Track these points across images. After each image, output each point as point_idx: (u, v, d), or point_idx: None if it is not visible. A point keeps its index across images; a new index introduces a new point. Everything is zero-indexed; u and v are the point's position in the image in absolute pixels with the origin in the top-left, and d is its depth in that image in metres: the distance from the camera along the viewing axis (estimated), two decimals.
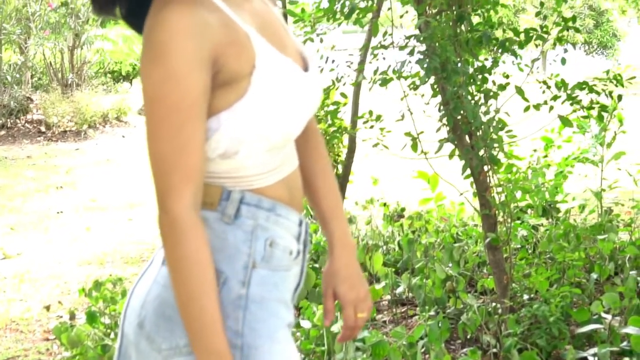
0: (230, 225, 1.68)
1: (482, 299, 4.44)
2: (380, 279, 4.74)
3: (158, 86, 1.56)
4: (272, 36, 1.72)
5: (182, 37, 1.54)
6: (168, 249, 1.59)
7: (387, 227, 5.48)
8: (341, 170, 6.73)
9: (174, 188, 1.57)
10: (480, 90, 4.05)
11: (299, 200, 1.81)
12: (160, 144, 1.58)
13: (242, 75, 1.62)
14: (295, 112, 1.69)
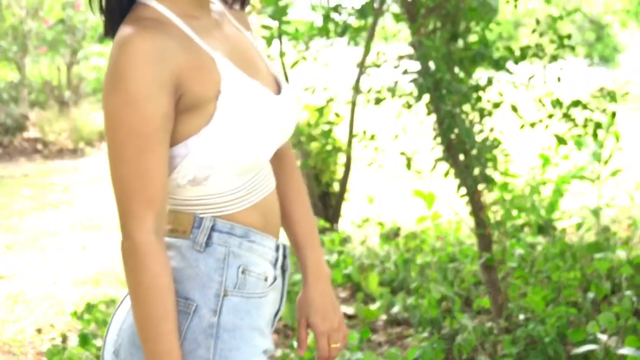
0: (202, 253, 1.67)
1: (479, 319, 4.41)
2: (376, 299, 4.71)
3: (118, 111, 1.56)
4: (242, 61, 1.71)
5: (141, 63, 1.55)
6: (127, 274, 1.59)
7: (383, 246, 5.45)
8: (337, 188, 6.74)
9: (134, 213, 1.57)
10: (475, 109, 4.04)
11: (275, 225, 1.79)
12: (121, 169, 1.58)
13: (207, 100, 1.61)
14: (265, 136, 1.67)
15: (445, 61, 3.94)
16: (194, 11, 1.68)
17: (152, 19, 1.62)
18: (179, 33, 1.62)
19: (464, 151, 3.95)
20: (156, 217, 1.58)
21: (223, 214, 1.69)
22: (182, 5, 1.66)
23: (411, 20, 4.00)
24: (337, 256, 5.16)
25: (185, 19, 1.65)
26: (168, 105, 1.57)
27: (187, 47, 1.61)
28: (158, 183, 1.58)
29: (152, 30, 1.58)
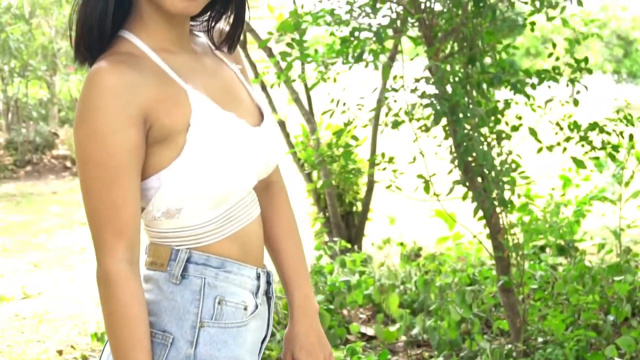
0: (178, 285, 1.70)
1: (499, 341, 4.41)
2: (396, 320, 4.72)
3: (85, 145, 1.60)
4: (220, 93, 1.74)
5: (108, 97, 1.58)
6: (101, 302, 1.63)
7: (404, 267, 5.46)
8: (360, 207, 6.76)
9: (106, 243, 1.61)
10: (493, 132, 4.05)
11: (255, 254, 1.80)
12: (91, 200, 1.62)
13: (176, 132, 1.64)
14: (238, 169, 1.69)
15: (463, 85, 3.96)
16: (171, 46, 1.72)
17: (127, 53, 1.66)
18: (153, 67, 1.66)
19: (482, 174, 3.96)
20: (127, 247, 1.61)
21: (199, 246, 1.71)
22: (159, 39, 1.70)
23: (428, 44, 4.03)
24: (359, 277, 5.18)
25: (161, 53, 1.69)
26: (136, 137, 1.60)
27: (159, 81, 1.64)
28: (128, 214, 1.61)
29: (122, 65, 1.61)
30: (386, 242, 5.71)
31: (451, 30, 4.02)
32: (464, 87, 3.97)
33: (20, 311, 5.94)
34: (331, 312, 4.62)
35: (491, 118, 4.06)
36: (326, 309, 4.56)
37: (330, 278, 4.93)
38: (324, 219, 6.69)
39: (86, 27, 1.66)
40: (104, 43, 1.67)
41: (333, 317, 4.62)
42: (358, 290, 4.90)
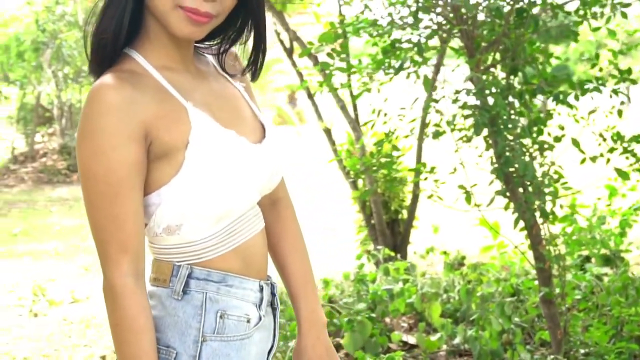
0: (180, 301, 1.73)
1: (541, 352, 4.39)
2: (437, 329, 4.72)
3: (87, 161, 1.63)
4: (221, 111, 1.78)
5: (109, 114, 1.61)
6: (108, 315, 1.66)
7: (448, 275, 5.46)
8: (405, 215, 6.77)
9: (111, 257, 1.64)
10: (536, 142, 4.04)
11: (258, 267, 1.83)
12: (94, 215, 1.65)
13: (176, 149, 1.67)
14: (238, 186, 1.72)
15: (504, 95, 3.96)
16: (174, 64, 1.76)
17: (129, 70, 1.69)
18: (154, 84, 1.69)
19: (523, 185, 3.96)
20: (132, 260, 1.64)
21: (200, 261, 1.74)
22: (163, 58, 1.75)
23: (470, 54, 4.03)
24: (402, 285, 5.19)
25: (163, 71, 1.73)
26: (137, 153, 1.64)
27: (160, 98, 1.68)
28: (131, 228, 1.64)
29: (123, 82, 1.64)
30: (430, 250, 5.72)
31: (493, 41, 4.02)
32: (506, 98, 3.97)
33: (69, 315, 6.04)
34: (373, 321, 4.63)
35: (533, 128, 4.06)
36: (368, 317, 4.57)
37: (372, 286, 4.95)
38: (368, 227, 6.70)
39: (101, 43, 1.70)
40: (115, 59, 1.71)
41: (375, 326, 4.63)
42: (401, 298, 4.90)
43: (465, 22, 4.01)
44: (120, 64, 1.71)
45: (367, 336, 4.55)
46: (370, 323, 4.57)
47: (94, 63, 1.72)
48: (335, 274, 6.35)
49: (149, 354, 1.65)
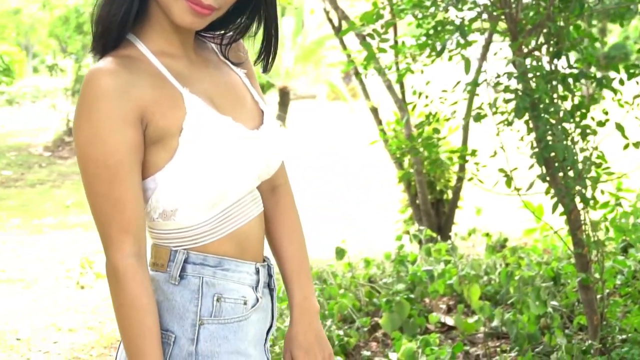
0: (177, 286, 1.77)
1: (580, 337, 4.38)
2: (476, 311, 4.73)
3: (85, 145, 1.67)
4: (220, 97, 1.81)
5: (104, 99, 1.64)
6: (111, 295, 1.70)
7: (489, 257, 5.46)
8: (451, 196, 6.76)
9: (112, 239, 1.68)
10: (579, 127, 4.01)
11: (254, 250, 1.87)
12: (95, 198, 1.69)
13: (170, 135, 1.70)
14: (233, 171, 1.75)
15: (547, 80, 3.93)
16: (173, 50, 1.79)
17: (127, 55, 1.73)
18: (151, 69, 1.73)
19: (563, 170, 3.94)
20: (134, 241, 1.68)
21: (196, 246, 1.78)
22: (162, 44, 1.78)
23: (513, 38, 4.01)
24: (444, 266, 5.20)
25: (161, 57, 1.76)
26: (134, 136, 1.67)
27: (155, 83, 1.71)
28: (132, 209, 1.68)
29: (119, 67, 1.68)
30: (472, 232, 5.71)
31: (536, 25, 3.99)
32: (549, 82, 3.94)
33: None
34: (411, 301, 4.66)
35: (577, 113, 4.03)
36: (406, 298, 4.60)
37: (412, 267, 4.97)
38: (413, 207, 6.71)
39: (107, 27, 1.72)
40: (118, 44, 1.74)
41: (413, 307, 4.66)
42: (441, 280, 4.92)
43: (509, 5, 3.99)
44: (119, 49, 1.74)
45: (405, 317, 4.57)
46: (409, 304, 4.60)
47: (99, 45, 1.74)
48: (378, 253, 6.38)
49: (153, 332, 1.69)
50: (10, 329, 5.42)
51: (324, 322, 4.49)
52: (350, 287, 5.02)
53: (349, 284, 5.04)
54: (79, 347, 5.10)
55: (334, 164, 13.07)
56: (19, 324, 5.52)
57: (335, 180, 11.76)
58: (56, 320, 5.55)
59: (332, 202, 10.29)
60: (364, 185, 10.86)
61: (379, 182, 9.99)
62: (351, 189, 11.03)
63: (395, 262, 5.09)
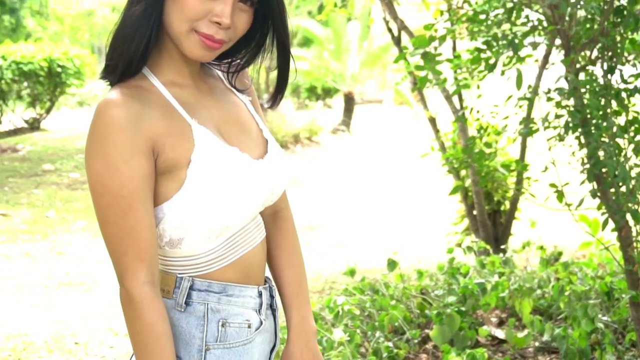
0: (183, 312, 1.82)
1: (632, 353, 4.35)
2: (526, 326, 4.72)
3: (99, 176, 1.71)
4: (227, 126, 1.86)
5: (117, 129, 1.68)
6: (127, 323, 1.74)
7: (543, 271, 5.44)
8: (508, 206, 6.74)
9: (128, 267, 1.71)
10: (632, 142, 3.99)
11: (257, 275, 1.91)
12: (110, 228, 1.72)
13: (178, 167, 1.74)
14: (238, 202, 1.79)
15: (600, 95, 3.92)
16: (182, 79, 1.84)
17: (137, 86, 1.77)
18: (161, 100, 1.77)
19: (614, 186, 3.92)
20: (148, 269, 1.72)
21: (201, 274, 1.82)
22: (172, 74, 1.83)
23: (566, 53, 4.01)
24: (498, 278, 5.19)
25: (171, 87, 1.81)
26: (147, 166, 1.71)
27: (165, 114, 1.76)
28: (145, 238, 1.72)
29: (130, 98, 1.72)
30: (526, 244, 5.69)
31: (590, 40, 3.98)
32: (602, 98, 3.93)
33: None
34: (462, 314, 4.67)
35: (630, 129, 4.01)
36: (457, 311, 4.61)
37: (463, 280, 4.97)
38: (470, 217, 6.70)
39: (126, 62, 1.77)
40: (134, 76, 1.79)
41: (464, 319, 4.66)
42: (494, 292, 4.91)
43: (562, 20, 3.98)
44: (132, 80, 1.78)
45: (455, 329, 4.58)
46: (459, 317, 4.60)
47: (114, 76, 1.79)
48: (433, 262, 6.39)
49: (170, 358, 1.74)
50: (70, 332, 5.55)
51: (374, 333, 4.52)
52: (402, 299, 5.04)
53: (401, 295, 5.06)
54: None
55: (391, 170, 13.07)
56: (77, 327, 5.65)
57: (392, 187, 11.76)
58: (113, 324, 5.66)
59: (387, 208, 10.30)
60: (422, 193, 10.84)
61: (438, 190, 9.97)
62: (408, 195, 11.03)
63: (447, 274, 5.10)
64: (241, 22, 1.81)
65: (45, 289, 6.79)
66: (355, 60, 19.73)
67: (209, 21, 1.76)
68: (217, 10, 1.76)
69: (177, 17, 1.76)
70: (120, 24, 1.80)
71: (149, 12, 1.76)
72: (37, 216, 10.05)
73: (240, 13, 1.80)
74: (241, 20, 1.81)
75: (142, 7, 1.76)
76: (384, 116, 22.45)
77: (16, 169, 13.24)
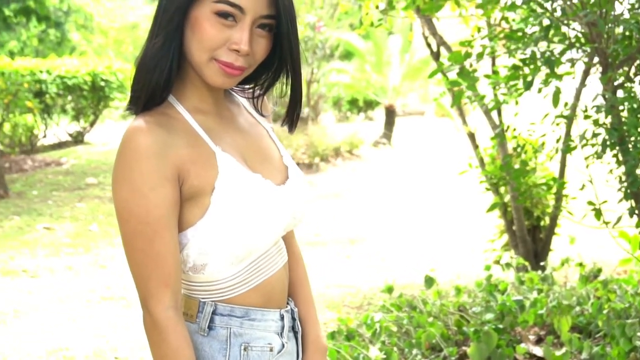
0: (206, 337, 1.84)
1: None
2: (564, 344, 4.69)
3: (126, 202, 1.74)
4: (250, 152, 1.89)
5: (144, 157, 1.71)
6: (152, 347, 1.76)
7: (582, 287, 5.40)
8: (548, 222, 6.70)
9: (153, 293, 1.74)
10: None
11: (279, 299, 1.94)
12: (135, 254, 1.75)
13: (203, 193, 1.77)
14: (261, 228, 1.81)
15: (638, 113, 3.90)
16: (206, 106, 1.87)
17: (162, 113, 1.80)
18: (186, 128, 1.81)
19: None
20: (173, 294, 1.75)
21: (224, 298, 1.85)
22: (195, 101, 1.86)
23: (603, 71, 4.00)
24: (537, 294, 5.16)
25: (195, 115, 1.84)
26: (173, 193, 1.74)
27: (190, 142, 1.79)
28: (171, 263, 1.74)
29: (157, 126, 1.75)
30: (565, 261, 5.65)
31: (627, 57, 3.97)
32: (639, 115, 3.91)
33: None
34: (500, 331, 4.65)
35: None
36: (495, 328, 4.59)
37: (501, 297, 4.95)
38: (509, 232, 6.68)
39: (150, 93, 1.80)
40: (159, 105, 1.82)
41: (502, 336, 4.64)
42: (532, 309, 4.89)
43: (600, 39, 3.97)
44: (158, 107, 1.82)
45: (493, 347, 4.56)
46: (497, 334, 4.59)
47: (138, 106, 1.82)
48: (472, 278, 6.37)
49: None
50: (110, 347, 5.61)
51: (411, 350, 4.52)
52: (440, 315, 5.03)
53: (439, 311, 5.06)
54: None
55: (431, 184, 13.03)
56: (118, 342, 5.71)
57: (432, 201, 11.74)
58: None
59: (427, 222, 10.28)
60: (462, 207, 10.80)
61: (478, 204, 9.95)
62: (448, 209, 11.00)
63: (485, 291, 5.09)
64: (260, 47, 1.83)
65: (87, 303, 6.86)
66: (396, 73, 19.73)
67: (228, 49, 1.79)
68: (235, 37, 1.78)
69: (196, 47, 1.80)
70: (142, 57, 1.83)
71: (169, 44, 1.79)
72: (80, 230, 10.17)
73: (258, 39, 1.83)
74: (260, 46, 1.83)
75: (162, 39, 1.79)
76: (425, 128, 22.41)
77: (60, 182, 13.40)
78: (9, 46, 27.88)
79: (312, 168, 14.22)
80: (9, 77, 15.12)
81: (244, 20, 1.78)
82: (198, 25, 1.78)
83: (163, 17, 1.80)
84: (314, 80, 15.54)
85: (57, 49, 29.79)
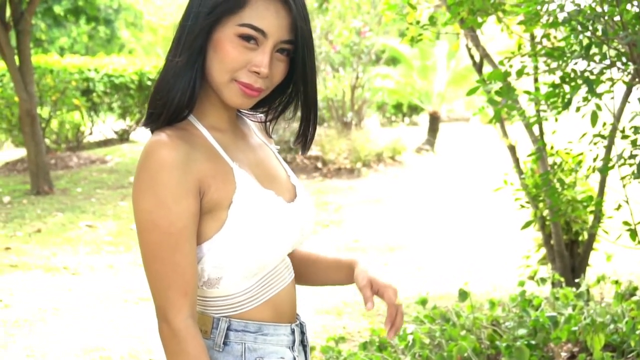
0: (221, 352, 1.89)
1: None
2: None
3: (149, 213, 1.78)
4: (261, 170, 1.96)
5: (167, 169, 1.76)
6: (170, 356, 1.80)
7: (618, 305, 5.38)
8: (586, 237, 6.67)
9: (173, 302, 1.78)
10: None
11: (289, 313, 2.00)
12: (156, 264, 1.79)
13: (221, 207, 1.82)
14: (273, 243, 1.87)
15: None
16: (222, 124, 1.94)
17: (183, 128, 1.86)
18: (205, 143, 1.87)
19: None
20: (191, 304, 1.80)
21: (236, 313, 1.90)
22: (213, 119, 1.93)
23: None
24: (572, 311, 5.15)
25: (213, 132, 1.90)
26: (195, 205, 1.79)
27: (210, 157, 1.85)
28: (190, 274, 1.79)
29: (179, 140, 1.80)
30: (601, 278, 5.62)
31: None
32: None
33: None
34: (532, 347, 4.65)
35: None
36: (527, 344, 4.60)
37: (534, 313, 4.95)
38: (546, 246, 6.66)
39: (170, 108, 1.86)
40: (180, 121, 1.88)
41: (534, 352, 4.65)
42: (566, 326, 4.88)
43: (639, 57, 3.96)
44: (178, 123, 1.88)
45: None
46: (529, 350, 4.59)
47: (155, 124, 1.87)
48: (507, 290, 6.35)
49: None
50: (145, 348, 5.69)
51: None
52: (473, 329, 5.04)
53: (472, 324, 5.07)
54: None
55: (473, 193, 12.97)
56: (153, 343, 5.79)
57: (473, 210, 11.69)
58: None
59: (466, 232, 10.25)
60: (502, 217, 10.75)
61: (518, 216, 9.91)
62: (488, 220, 10.94)
63: (518, 306, 5.09)
64: (278, 71, 1.90)
65: (124, 303, 6.96)
66: (441, 80, 19.70)
67: (248, 70, 1.85)
68: (257, 60, 1.84)
69: (217, 68, 1.85)
70: (163, 74, 1.89)
71: (192, 64, 1.85)
72: (121, 228, 10.30)
73: (277, 62, 1.89)
74: (278, 69, 1.90)
75: (186, 59, 1.85)
76: (469, 135, 22.32)
77: (104, 180, 13.56)
78: (59, 42, 28.26)
79: (353, 173, 14.24)
80: (57, 74, 15.34)
81: (266, 44, 1.85)
82: (221, 47, 1.84)
83: (187, 38, 1.86)
84: (358, 86, 15.55)
85: (106, 46, 30.11)
